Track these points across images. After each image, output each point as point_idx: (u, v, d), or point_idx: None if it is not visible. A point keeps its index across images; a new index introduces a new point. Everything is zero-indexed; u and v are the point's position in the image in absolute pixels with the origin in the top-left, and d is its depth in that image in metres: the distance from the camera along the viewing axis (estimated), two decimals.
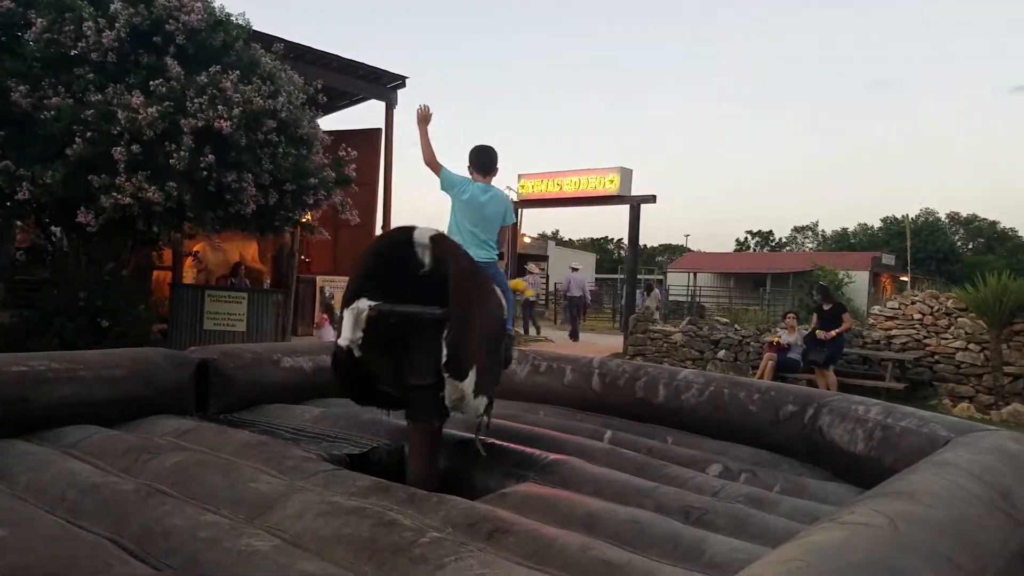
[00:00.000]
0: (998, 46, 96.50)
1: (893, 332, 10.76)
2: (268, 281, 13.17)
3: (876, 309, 11.73)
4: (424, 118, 4.25)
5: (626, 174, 14.09)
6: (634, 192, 14.13)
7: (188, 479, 3.04)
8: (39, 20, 7.03)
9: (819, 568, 1.60)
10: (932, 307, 10.55)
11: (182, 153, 6.94)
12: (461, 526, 2.77)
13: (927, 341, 10.42)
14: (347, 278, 13.26)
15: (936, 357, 10.28)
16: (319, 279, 13.56)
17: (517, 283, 4.56)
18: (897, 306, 10.98)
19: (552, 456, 3.72)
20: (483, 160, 4.25)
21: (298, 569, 2.29)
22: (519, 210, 15.49)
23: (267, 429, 4.31)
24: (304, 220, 9.95)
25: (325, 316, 7.98)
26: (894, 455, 3.63)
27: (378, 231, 17.21)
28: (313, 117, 9.04)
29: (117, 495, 2.79)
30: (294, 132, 8.27)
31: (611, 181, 14.10)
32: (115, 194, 6.75)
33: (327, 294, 12.79)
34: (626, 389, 5.04)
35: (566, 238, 51.91)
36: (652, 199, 13.71)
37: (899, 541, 1.79)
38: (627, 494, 3.29)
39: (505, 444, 3.97)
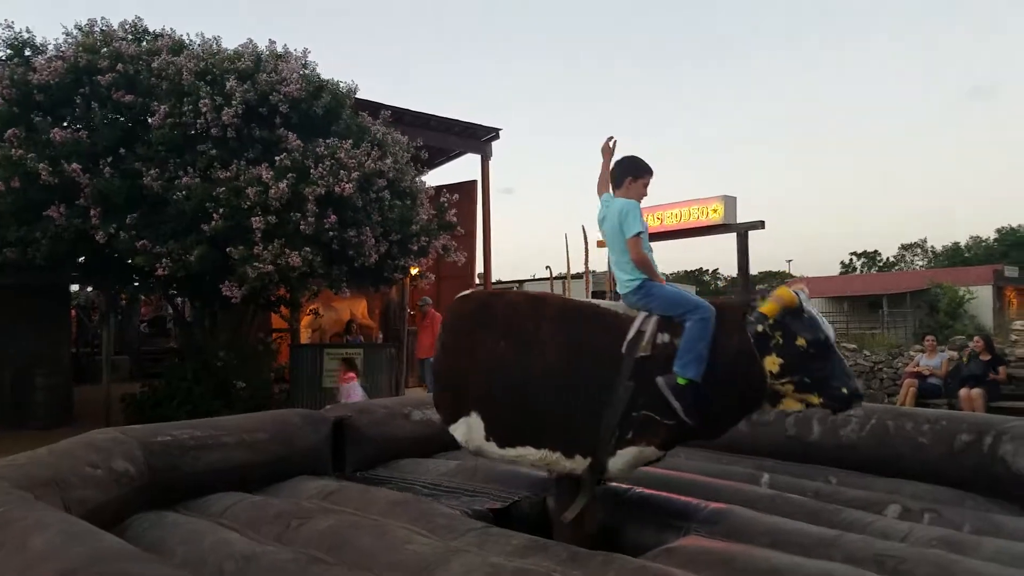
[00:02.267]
0: None
1: None
2: (379, 336, 13.41)
3: (1019, 324, 10.80)
4: (607, 150, 3.78)
5: (730, 202, 13.72)
6: (739, 219, 13.71)
7: (343, 544, 2.97)
8: (161, 107, 7.49)
9: None
10: None
11: (309, 219, 7.20)
12: None
13: None
14: None
15: None
16: None
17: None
18: None
19: (712, 505, 3.46)
20: (613, 173, 3.65)
21: None
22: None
23: (405, 485, 4.24)
24: (412, 271, 10.11)
25: (350, 373, 7.77)
26: None
27: (477, 280, 17.40)
28: (417, 173, 9.28)
29: (276, 565, 2.72)
30: (399, 187, 8.48)
31: (715, 210, 13.74)
32: (257, 263, 7.04)
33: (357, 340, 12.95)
34: (775, 426, 4.70)
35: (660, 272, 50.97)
36: (760, 225, 13.24)
37: None
38: (807, 545, 2.99)
39: (656, 493, 3.73)
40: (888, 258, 59.73)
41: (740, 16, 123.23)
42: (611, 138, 3.79)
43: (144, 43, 8.27)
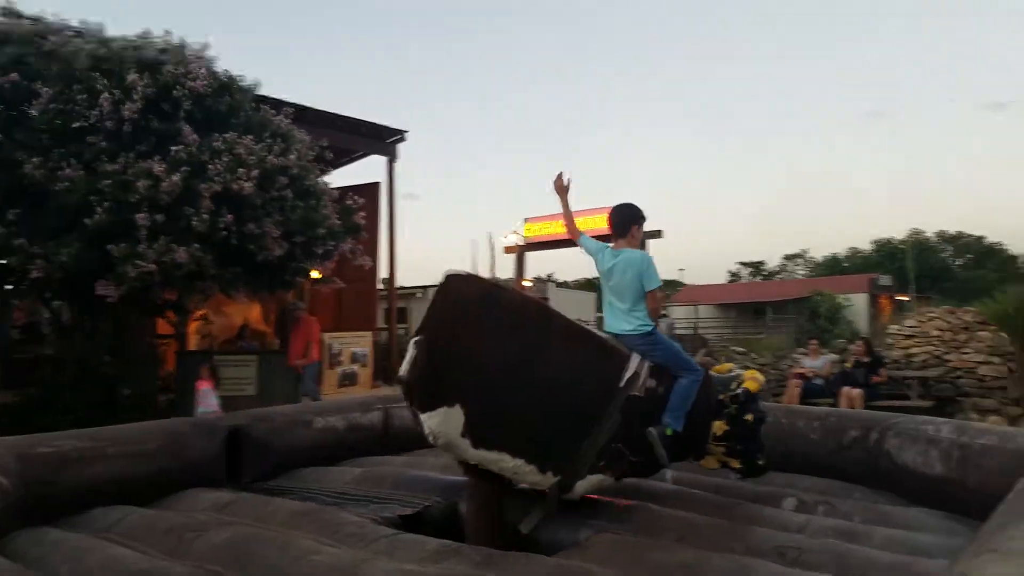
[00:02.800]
0: (969, 66, 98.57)
1: (913, 350, 10.63)
2: (277, 343, 12.93)
3: (894, 328, 11.61)
4: (562, 188, 3.90)
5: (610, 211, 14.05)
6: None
7: (244, 556, 2.82)
8: (45, 90, 6.95)
9: None
10: (950, 323, 10.45)
11: (204, 216, 6.82)
12: None
13: (948, 357, 10.27)
14: (354, 334, 12.99)
15: (958, 372, 10.13)
16: (326, 336, 13.32)
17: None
18: (915, 323, 10.86)
19: (624, 502, 3.51)
20: (613, 221, 3.82)
21: None
22: (523, 253, 15.41)
23: (308, 495, 4.08)
24: (315, 274, 9.81)
25: (207, 380, 7.42)
26: (979, 475, 3.45)
27: (380, 285, 17.09)
28: (321, 172, 8.98)
29: None
30: (302, 186, 8.18)
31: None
32: (138, 261, 6.59)
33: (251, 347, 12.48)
34: None
35: (561, 280, 51.85)
36: (658, 234, 13.65)
37: None
38: (714, 538, 3.08)
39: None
40: (772, 267, 63.08)
41: (642, 31, 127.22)
42: (562, 174, 3.92)
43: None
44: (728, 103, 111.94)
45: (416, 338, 3.14)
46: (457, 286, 3.28)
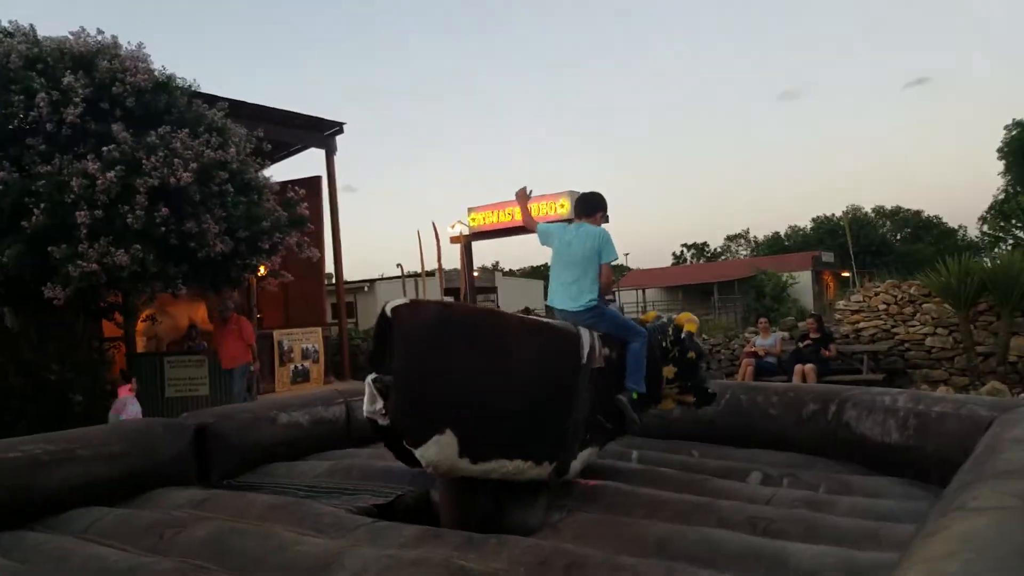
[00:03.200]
0: (889, 45, 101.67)
1: (861, 324, 10.99)
2: None
3: (841, 303, 11.97)
4: (523, 196, 4.35)
5: (575, 197, 14.16)
6: None
7: (225, 550, 2.81)
8: None
9: (992, 555, 1.52)
10: (896, 296, 10.82)
11: (138, 212, 6.66)
12: (531, 565, 2.61)
13: (895, 330, 10.66)
14: (303, 330, 12.83)
15: (906, 345, 10.52)
16: (275, 333, 13.16)
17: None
18: (862, 298, 11.23)
19: (591, 482, 3.58)
20: (580, 204, 4.11)
21: None
22: (469, 243, 15.44)
23: (279, 489, 4.06)
24: (261, 271, 9.67)
25: (126, 385, 7.20)
26: (936, 441, 3.61)
27: (328, 279, 16.90)
28: (260, 166, 8.86)
29: None
30: (242, 181, 8.06)
31: (562, 205, 14.17)
32: (80, 262, 6.41)
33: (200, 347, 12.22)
34: None
35: (506, 268, 52.02)
36: (605, 219, 13.73)
37: None
38: (684, 512, 3.17)
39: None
40: (715, 248, 64.26)
41: (584, 14, 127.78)
42: (525, 188, 4.37)
43: None
44: (659, 87, 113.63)
45: (373, 376, 3.18)
46: (408, 316, 3.29)
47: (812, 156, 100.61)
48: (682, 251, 65.17)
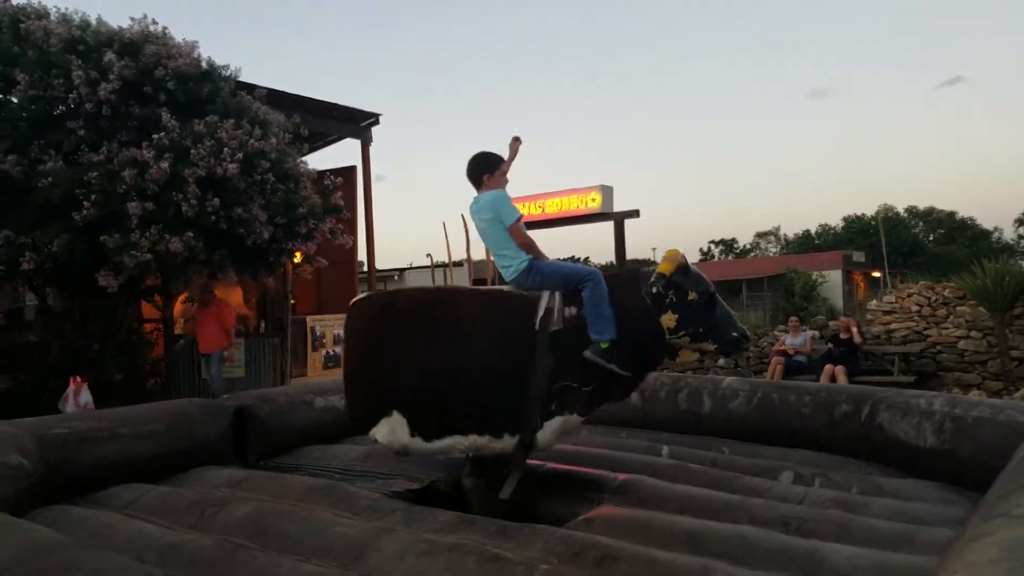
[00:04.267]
0: (922, 45, 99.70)
1: (893, 326, 10.85)
2: (263, 325, 12.91)
3: (873, 304, 11.83)
4: (515, 148, 3.86)
5: (607, 191, 14.15)
6: (615, 208, 14.19)
7: (265, 530, 2.88)
8: (22, 76, 6.85)
9: None
10: (929, 298, 10.67)
11: (192, 202, 6.79)
12: (564, 556, 2.64)
13: (927, 332, 10.52)
14: (335, 316, 12.84)
15: (938, 347, 10.38)
16: (308, 319, 13.33)
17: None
18: (894, 299, 11.08)
19: (621, 476, 3.61)
20: (467, 173, 3.76)
21: None
22: None
23: (315, 472, 4.15)
24: (296, 257, 9.81)
25: (79, 377, 6.99)
26: (972, 446, 3.58)
27: (359, 267, 17.02)
28: (298, 154, 8.98)
29: (201, 553, 2.62)
30: (281, 169, 8.19)
31: (592, 199, 14.14)
32: (134, 252, 6.56)
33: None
34: (668, 402, 4.95)
35: None
36: (636, 214, 13.74)
37: None
38: (716, 509, 3.18)
39: (568, 468, 3.85)
40: (744, 245, 63.54)
41: (618, 15, 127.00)
42: (517, 138, 3.87)
43: None
44: (690, 83, 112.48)
45: None
46: (357, 309, 3.68)
47: (843, 155, 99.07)
48: (710, 247, 64.56)
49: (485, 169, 3.68)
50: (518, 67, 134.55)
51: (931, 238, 52.88)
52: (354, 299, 3.76)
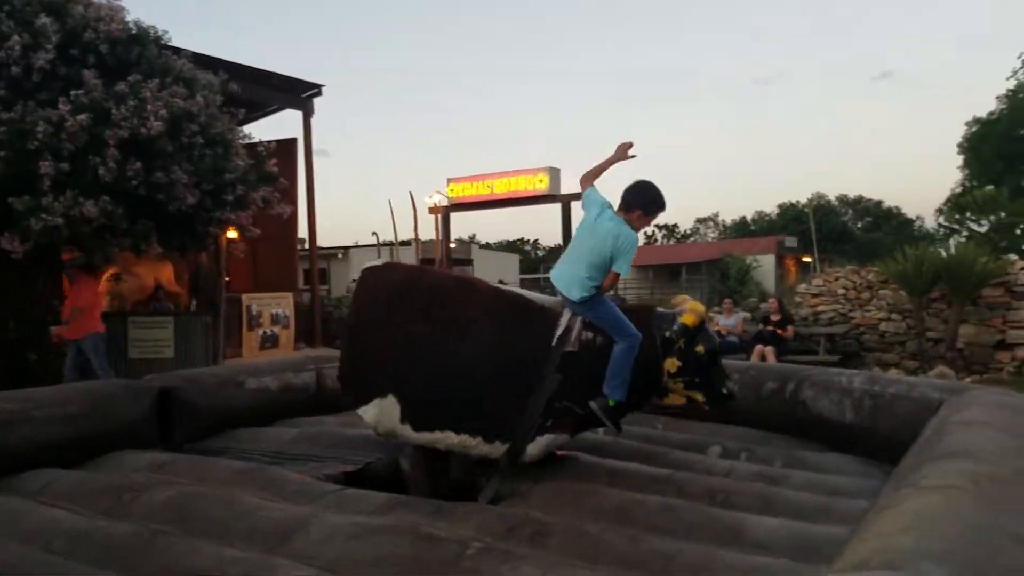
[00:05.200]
0: (864, 37, 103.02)
1: (820, 308, 11.24)
2: (194, 303, 12.52)
3: (802, 287, 12.21)
4: (623, 151, 3.68)
5: (555, 174, 14.19)
6: (563, 191, 14.25)
7: (188, 514, 2.80)
8: None
9: (942, 532, 1.58)
10: (854, 282, 11.08)
11: (111, 165, 6.47)
12: (499, 532, 2.65)
13: (852, 314, 10.93)
14: (273, 295, 12.41)
15: (862, 329, 10.80)
16: (244, 297, 13.00)
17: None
18: (822, 283, 11.46)
19: (559, 453, 3.63)
20: (624, 193, 3.57)
21: None
22: (447, 214, 15.36)
23: (244, 455, 4.05)
24: (230, 232, 9.51)
25: None
26: (888, 421, 3.73)
27: (301, 244, 16.66)
28: (232, 119, 8.68)
29: (116, 540, 2.52)
30: (210, 134, 7.90)
31: (540, 181, 14.16)
32: (44, 215, 6.22)
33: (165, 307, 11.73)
34: None
35: (483, 241, 51.95)
36: (645, 221, 13.75)
37: (994, 500, 1.80)
38: (645, 483, 3.24)
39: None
40: (685, 230, 64.91)
41: None
42: (631, 144, 3.71)
43: None
44: (637, 65, 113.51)
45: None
46: (374, 278, 3.45)
47: (780, 143, 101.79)
48: (653, 231, 65.70)
49: (638, 205, 3.53)
50: (472, 44, 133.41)
51: (859, 225, 54.72)
52: (369, 264, 3.52)
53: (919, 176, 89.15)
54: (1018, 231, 19.98)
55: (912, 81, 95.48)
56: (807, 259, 31.79)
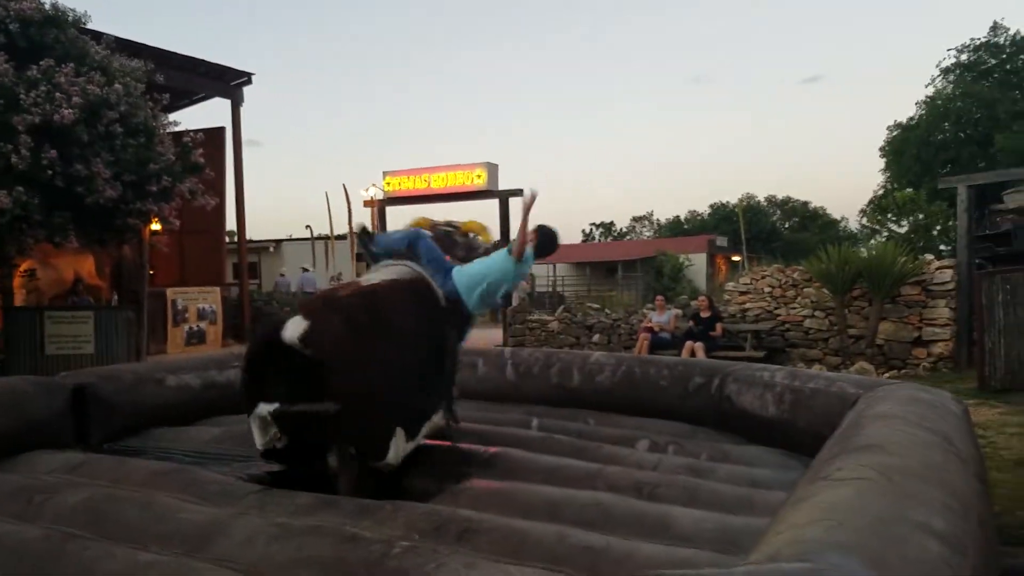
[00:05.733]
0: (787, 42, 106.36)
1: (747, 305, 11.56)
2: (116, 297, 12.06)
3: (731, 285, 12.52)
4: (527, 205, 4.05)
5: (492, 169, 14.13)
6: (501, 187, 14.22)
7: (102, 518, 2.68)
8: None
9: (853, 523, 1.63)
10: (780, 280, 11.43)
11: (23, 152, 6.16)
12: (427, 531, 2.63)
13: (778, 312, 11.28)
14: (200, 289, 12.11)
15: (787, 325, 11.15)
16: (169, 291, 12.59)
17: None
18: (749, 281, 11.79)
19: (490, 449, 3.63)
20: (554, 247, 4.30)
21: None
22: (383, 208, 15.15)
23: (164, 455, 3.91)
24: (154, 225, 9.19)
25: None
26: (808, 415, 3.85)
27: (230, 237, 16.20)
28: (154, 107, 8.37)
29: (25, 545, 2.40)
30: (133, 123, 7.61)
31: (478, 176, 14.07)
32: None
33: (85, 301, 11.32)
34: (541, 377, 5.03)
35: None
36: (519, 193, 13.80)
37: (902, 492, 1.87)
38: (577, 478, 3.27)
39: (439, 443, 3.83)
40: (622, 228, 65.94)
41: None
42: (534, 197, 4.04)
43: None
44: (575, 65, 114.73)
45: (272, 408, 3.12)
46: (318, 336, 3.11)
47: (713, 144, 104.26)
48: (591, 229, 66.58)
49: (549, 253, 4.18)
50: (411, 37, 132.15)
51: (787, 225, 56.42)
52: (294, 329, 3.09)
53: (844, 178, 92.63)
54: (934, 232, 20.97)
55: (839, 85, 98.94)
56: (737, 258, 32.73)
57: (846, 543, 1.48)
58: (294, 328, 3.10)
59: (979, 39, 31.23)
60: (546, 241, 4.07)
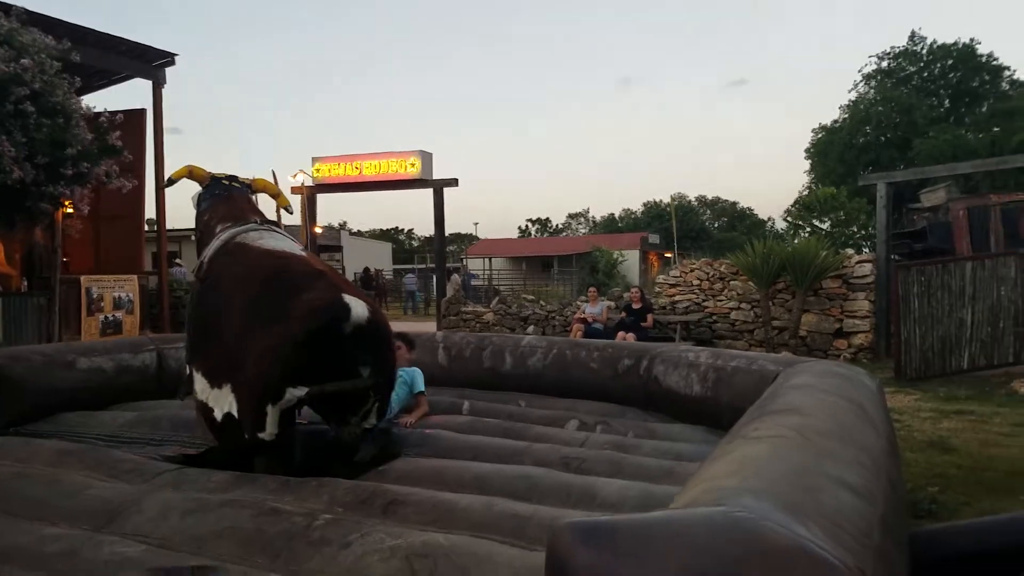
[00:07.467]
0: (718, 46, 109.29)
1: (677, 297, 11.79)
2: (26, 284, 11.45)
3: (661, 278, 12.76)
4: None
5: (427, 158, 13.95)
6: (435, 176, 14.08)
7: (5, 495, 2.55)
8: None
9: (768, 475, 1.67)
10: (708, 273, 11.70)
11: None
12: (351, 504, 2.58)
13: (706, 304, 11.54)
14: (116, 277, 11.60)
15: (714, 317, 11.43)
16: (83, 279, 12.03)
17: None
18: (679, 274, 12.03)
19: (426, 431, 3.60)
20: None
21: (187, 568, 1.99)
22: (313, 195, 14.82)
23: (77, 439, 3.73)
24: (67, 207, 8.76)
25: None
26: (730, 392, 3.94)
27: (147, 224, 15.57)
28: (71, 87, 7.97)
29: None
30: (47, 102, 7.24)
31: (412, 164, 13.88)
32: None
33: None
34: (473, 360, 5.01)
35: (355, 229, 50.83)
36: (454, 183, 13.72)
37: (816, 449, 1.92)
38: (505, 455, 3.27)
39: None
40: (558, 224, 66.68)
41: None
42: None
43: None
44: (511, 60, 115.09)
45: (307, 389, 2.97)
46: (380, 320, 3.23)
47: (646, 144, 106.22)
48: (527, 225, 67.08)
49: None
50: (338, 23, 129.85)
51: (716, 225, 57.97)
52: (362, 312, 3.01)
53: (772, 179, 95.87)
54: (855, 228, 21.83)
55: (764, 88, 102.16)
56: (668, 254, 33.39)
57: (761, 489, 1.51)
58: (359, 307, 3.02)
59: (899, 47, 32.71)
60: None
